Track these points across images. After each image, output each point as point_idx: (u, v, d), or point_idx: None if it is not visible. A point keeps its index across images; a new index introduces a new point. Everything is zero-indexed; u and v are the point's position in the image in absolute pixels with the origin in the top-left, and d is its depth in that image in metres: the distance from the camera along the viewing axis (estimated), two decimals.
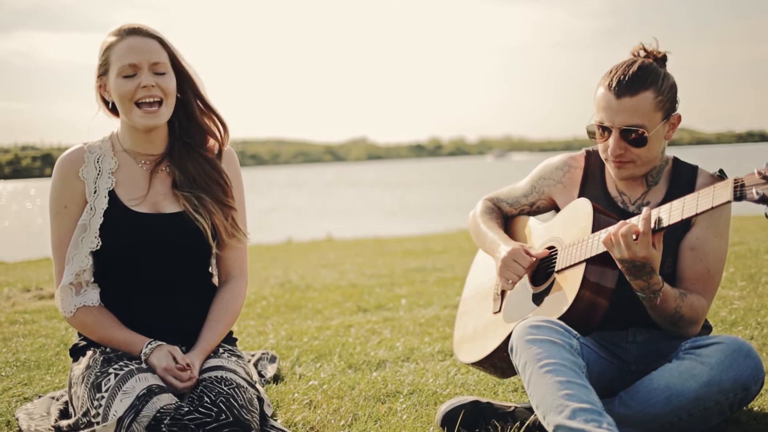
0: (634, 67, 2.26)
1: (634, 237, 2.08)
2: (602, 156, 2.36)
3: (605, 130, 2.30)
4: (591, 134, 2.36)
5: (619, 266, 2.15)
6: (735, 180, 1.88)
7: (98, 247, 2.28)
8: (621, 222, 2.13)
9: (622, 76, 2.25)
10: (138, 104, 2.26)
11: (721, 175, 2.27)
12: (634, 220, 2.13)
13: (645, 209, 2.11)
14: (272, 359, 3.29)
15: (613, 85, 2.25)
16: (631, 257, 2.09)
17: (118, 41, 2.28)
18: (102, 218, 2.28)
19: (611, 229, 2.14)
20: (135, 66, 2.25)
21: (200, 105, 2.41)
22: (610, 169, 2.37)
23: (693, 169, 2.39)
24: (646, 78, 2.24)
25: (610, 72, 2.29)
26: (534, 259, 2.37)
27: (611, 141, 2.28)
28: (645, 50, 2.33)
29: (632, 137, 2.25)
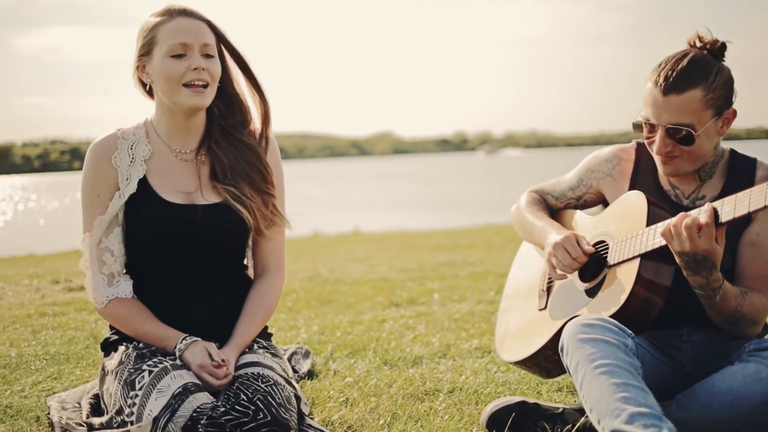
0: (684, 62, 2.14)
1: (696, 229, 1.97)
2: (650, 150, 2.25)
3: (652, 126, 2.19)
4: (637, 128, 2.25)
5: (678, 260, 2.04)
6: None
7: (121, 237, 2.20)
8: (682, 213, 2.01)
9: (670, 72, 2.13)
10: (185, 85, 2.18)
11: None
12: (695, 212, 2.01)
13: (707, 203, 2.00)
14: (306, 354, 3.21)
15: (660, 82, 2.14)
16: (692, 250, 1.98)
17: (166, 21, 2.20)
18: (125, 205, 2.20)
19: (671, 220, 2.03)
20: (186, 45, 2.17)
21: (251, 83, 2.33)
22: (657, 164, 2.26)
23: (752, 162, 2.27)
24: (694, 75, 2.12)
25: (660, 65, 2.17)
26: (583, 252, 2.25)
27: (657, 139, 2.18)
28: (701, 40, 2.20)
29: (679, 136, 2.15)
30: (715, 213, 1.97)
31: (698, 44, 2.19)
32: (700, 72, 2.12)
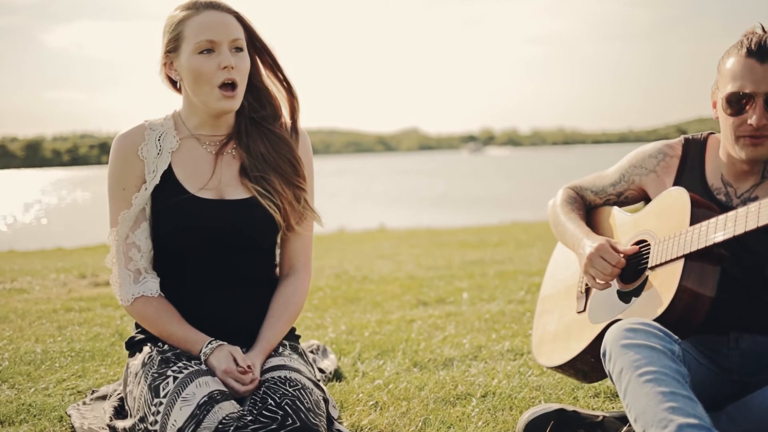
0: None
1: None
2: (730, 134, 2.09)
3: (747, 99, 2.04)
4: (731, 101, 2.06)
5: None
6: None
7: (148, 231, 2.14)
8: None
9: (762, 42, 2.02)
10: (218, 87, 2.11)
11: None
12: None
13: None
14: (324, 351, 3.12)
15: (755, 50, 2.02)
16: None
17: (192, 15, 2.12)
18: (150, 198, 2.13)
19: None
20: (214, 42, 2.09)
21: (279, 75, 2.26)
22: (736, 151, 2.09)
23: None
24: None
25: (742, 42, 2.07)
26: (622, 256, 2.16)
27: (756, 110, 2.02)
28: (764, 30, 2.10)
29: None
30: None
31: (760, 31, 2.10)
32: None
